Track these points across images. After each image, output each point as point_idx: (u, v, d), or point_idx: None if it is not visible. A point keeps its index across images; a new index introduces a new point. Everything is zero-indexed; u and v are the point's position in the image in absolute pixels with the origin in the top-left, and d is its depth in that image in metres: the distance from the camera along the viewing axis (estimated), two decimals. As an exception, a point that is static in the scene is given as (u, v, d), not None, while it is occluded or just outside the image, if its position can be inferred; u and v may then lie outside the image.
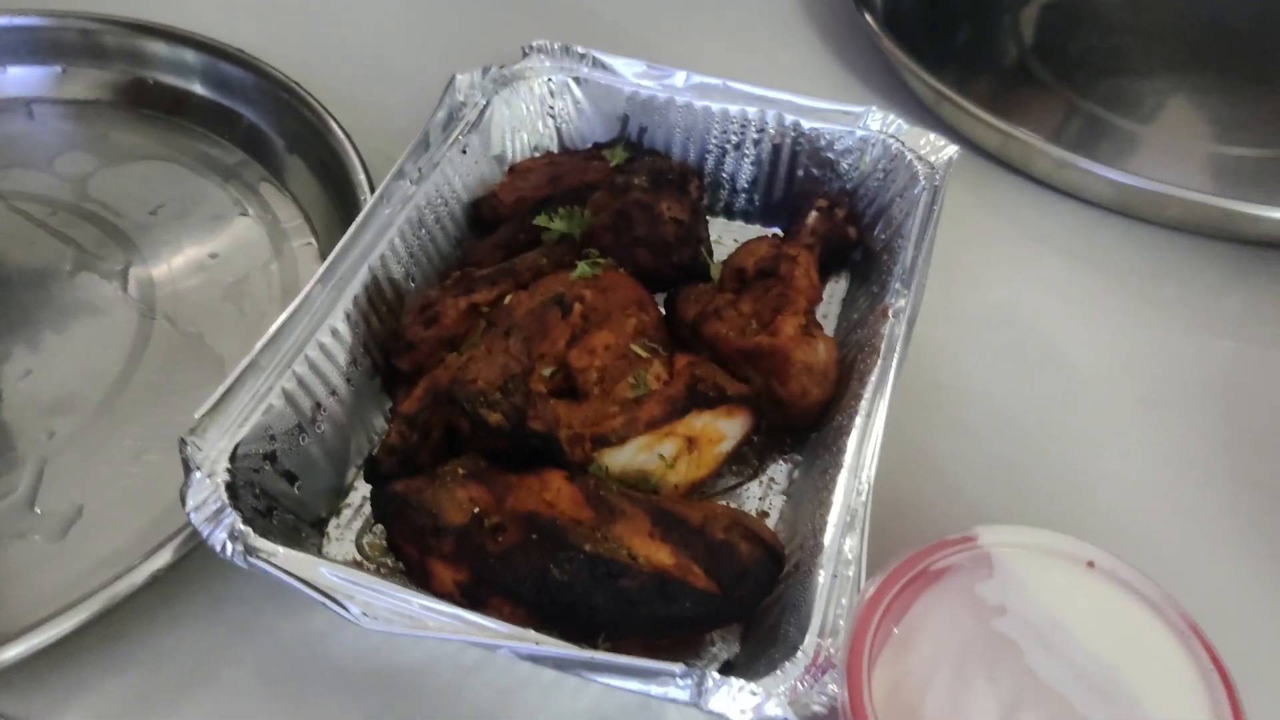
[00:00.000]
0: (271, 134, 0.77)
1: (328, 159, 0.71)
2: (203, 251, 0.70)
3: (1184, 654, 0.41)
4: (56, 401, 0.61)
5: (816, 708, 0.40)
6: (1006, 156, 0.77)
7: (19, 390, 0.61)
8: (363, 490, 0.55)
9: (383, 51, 0.89)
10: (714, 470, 0.54)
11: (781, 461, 0.58)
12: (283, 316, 0.52)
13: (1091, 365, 0.65)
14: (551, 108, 0.72)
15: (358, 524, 0.54)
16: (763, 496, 0.56)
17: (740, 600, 0.47)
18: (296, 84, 0.74)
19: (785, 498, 0.56)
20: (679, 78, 0.70)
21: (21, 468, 0.57)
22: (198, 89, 0.80)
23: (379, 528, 0.53)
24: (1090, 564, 0.44)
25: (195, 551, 0.48)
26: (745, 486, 0.57)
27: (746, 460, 0.57)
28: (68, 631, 0.45)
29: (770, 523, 0.55)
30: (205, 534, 0.45)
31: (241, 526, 0.44)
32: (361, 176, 0.68)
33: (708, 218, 0.69)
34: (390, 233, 0.59)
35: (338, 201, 0.70)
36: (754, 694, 0.40)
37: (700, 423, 0.53)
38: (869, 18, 0.85)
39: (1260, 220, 0.69)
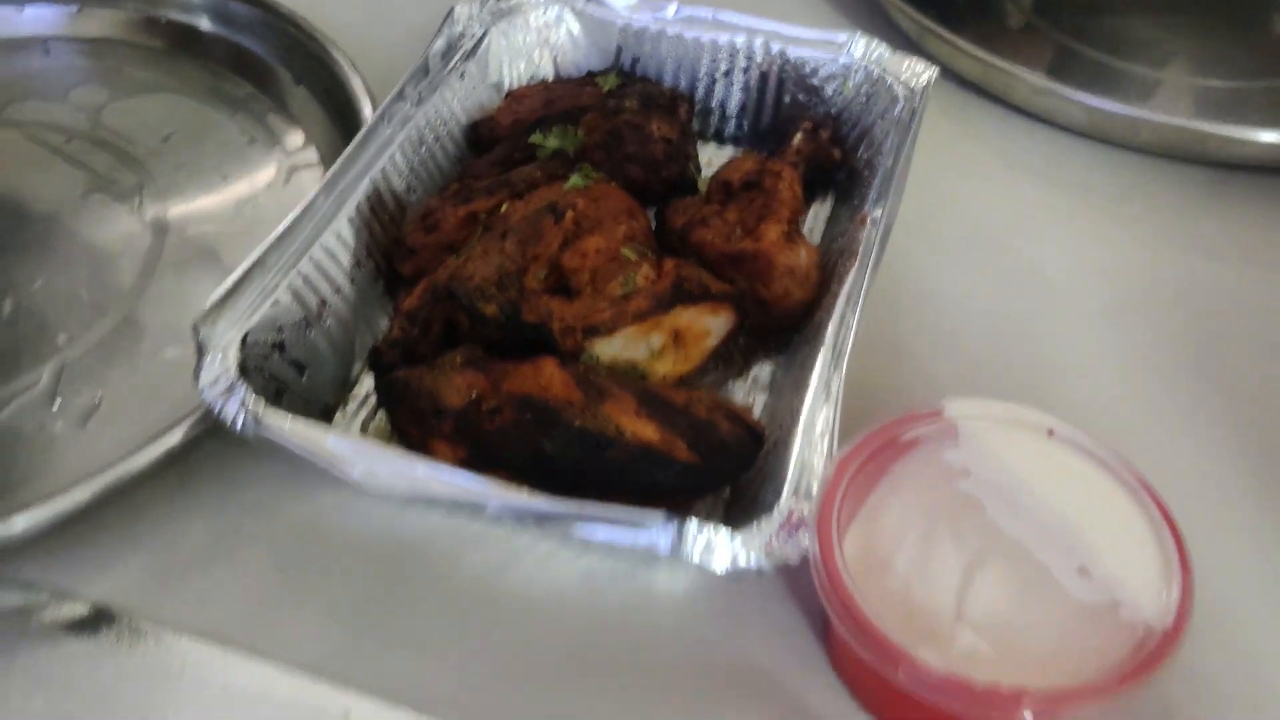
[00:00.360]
0: (278, 66, 0.79)
1: (333, 88, 0.73)
2: (213, 175, 0.73)
3: (1136, 508, 0.44)
4: (73, 307, 0.63)
5: (790, 559, 0.43)
6: (988, 85, 0.79)
7: (34, 297, 0.64)
8: (367, 385, 0.57)
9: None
10: (700, 364, 0.56)
11: (766, 363, 0.60)
12: (287, 220, 0.55)
13: (1060, 277, 0.67)
14: (547, 40, 0.75)
15: (363, 414, 0.56)
16: (747, 393, 0.59)
17: (721, 472, 0.50)
18: (301, 18, 0.77)
19: (768, 393, 0.59)
20: (670, 10, 0.72)
21: (41, 366, 0.60)
22: (206, 25, 0.82)
23: (383, 416, 0.56)
24: (1050, 432, 0.47)
25: (211, 437, 0.51)
26: (730, 384, 0.59)
27: (732, 360, 0.60)
28: (86, 501, 0.48)
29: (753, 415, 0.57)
30: (217, 408, 0.47)
31: (253, 400, 0.47)
32: (365, 103, 0.70)
33: (699, 143, 0.72)
34: (391, 149, 0.61)
35: (343, 130, 0.72)
36: (730, 543, 0.43)
37: (686, 317, 0.55)
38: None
39: (1231, 142, 0.71)
